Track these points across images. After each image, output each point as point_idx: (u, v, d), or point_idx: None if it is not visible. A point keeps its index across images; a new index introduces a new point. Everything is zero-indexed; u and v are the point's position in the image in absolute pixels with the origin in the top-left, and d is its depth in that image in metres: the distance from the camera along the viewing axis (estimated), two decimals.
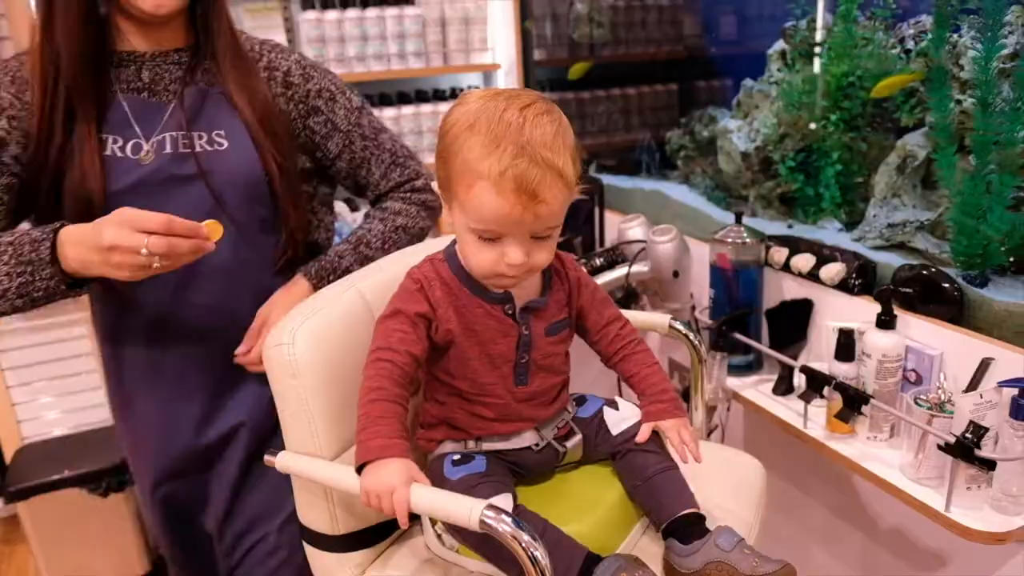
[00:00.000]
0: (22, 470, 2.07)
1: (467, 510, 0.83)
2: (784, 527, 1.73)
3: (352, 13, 2.32)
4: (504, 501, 0.92)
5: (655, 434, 1.05)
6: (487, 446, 1.03)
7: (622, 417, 1.06)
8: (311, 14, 2.29)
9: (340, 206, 2.07)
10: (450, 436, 1.04)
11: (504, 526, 0.82)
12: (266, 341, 1.01)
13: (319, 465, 0.99)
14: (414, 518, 1.12)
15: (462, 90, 2.61)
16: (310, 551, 1.08)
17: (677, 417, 1.05)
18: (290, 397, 0.99)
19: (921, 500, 1.17)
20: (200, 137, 1.09)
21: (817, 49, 1.55)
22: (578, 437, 1.06)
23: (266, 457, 1.03)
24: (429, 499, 0.87)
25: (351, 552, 1.06)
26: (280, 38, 2.31)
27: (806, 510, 1.66)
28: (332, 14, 2.31)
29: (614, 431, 1.05)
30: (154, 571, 2.24)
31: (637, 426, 1.05)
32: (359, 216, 2.17)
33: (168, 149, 1.08)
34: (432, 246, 1.14)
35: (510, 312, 1.01)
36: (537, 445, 1.04)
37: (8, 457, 2.18)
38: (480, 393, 1.01)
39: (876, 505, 1.48)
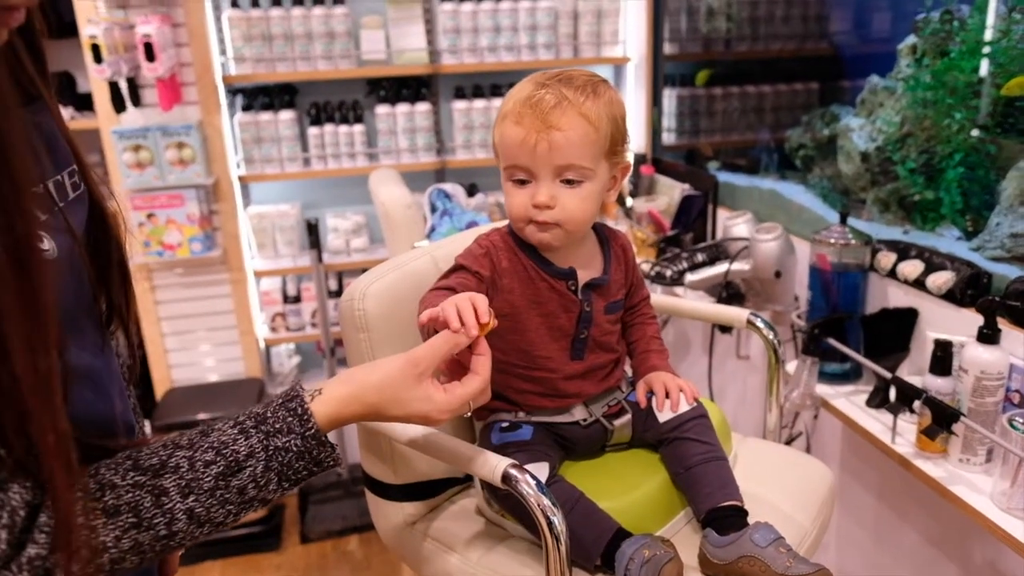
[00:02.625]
0: (168, 408, 2.34)
1: (493, 466, 0.87)
2: (876, 551, 1.63)
3: (487, 5, 2.41)
4: (539, 469, 0.95)
5: (701, 424, 1.05)
6: (537, 417, 1.06)
7: (669, 405, 1.06)
8: (448, 5, 2.40)
9: (456, 189, 2.16)
10: (502, 408, 1.08)
11: (526, 487, 0.86)
12: (342, 297, 1.10)
13: None
14: (467, 479, 1.18)
15: None
16: (370, 497, 1.16)
17: (664, 367, 1.10)
18: (357, 350, 1.08)
19: (1008, 531, 1.08)
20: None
21: (986, 45, 1.44)
22: (627, 417, 1.08)
23: None
24: (462, 453, 0.92)
25: (406, 502, 1.13)
26: (419, 28, 2.44)
27: (899, 535, 1.55)
28: (468, 5, 2.40)
29: (661, 418, 1.05)
30: (270, 515, 2.45)
31: (684, 415, 1.05)
32: (474, 201, 2.25)
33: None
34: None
35: (572, 288, 1.04)
36: (585, 420, 1.06)
37: (158, 396, 2.47)
38: (532, 367, 1.04)
39: (972, 536, 1.36)
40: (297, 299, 2.53)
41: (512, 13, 2.42)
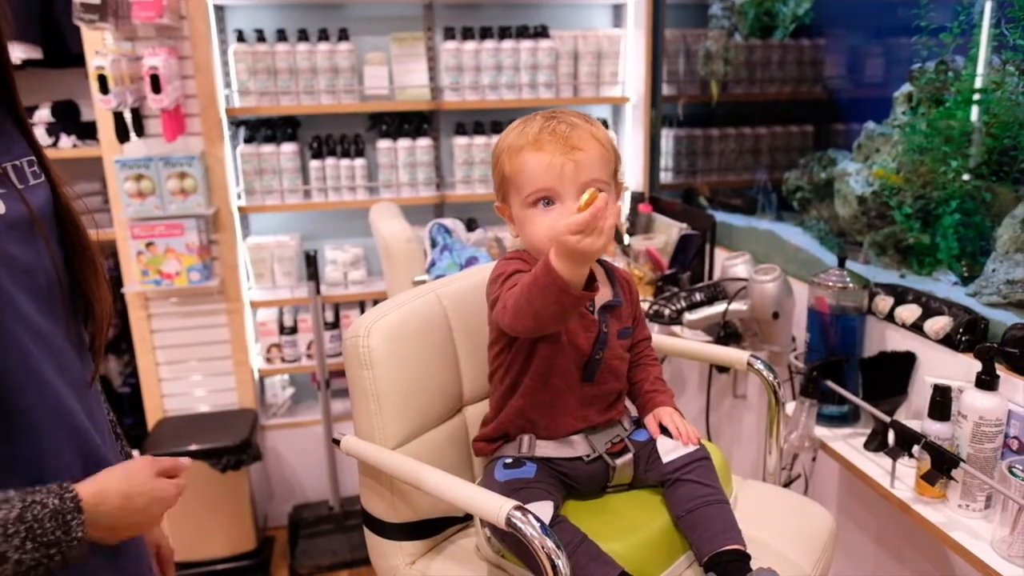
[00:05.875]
0: (159, 438, 2.31)
1: (497, 508, 0.87)
2: None
3: (489, 44, 2.45)
4: (543, 508, 0.95)
5: (704, 467, 1.05)
6: (540, 452, 1.06)
7: (674, 446, 1.07)
8: (451, 43, 2.44)
9: (456, 224, 2.18)
10: (505, 442, 1.09)
11: (530, 529, 0.85)
12: (345, 333, 1.10)
13: (377, 451, 1.06)
14: (467, 518, 1.17)
15: None
16: (368, 535, 1.15)
17: (671, 406, 1.13)
18: (361, 386, 1.07)
19: None
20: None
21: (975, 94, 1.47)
22: (629, 455, 1.08)
23: (334, 437, 1.12)
24: (466, 493, 0.92)
25: (405, 541, 1.12)
26: (422, 65, 2.47)
27: None
28: (470, 44, 2.44)
29: (665, 459, 1.06)
30: (259, 548, 2.42)
31: (688, 456, 1.05)
32: (474, 236, 2.27)
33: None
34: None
35: (591, 308, 1.07)
36: (588, 456, 1.07)
37: (150, 426, 2.44)
38: (546, 386, 1.06)
39: None
40: (293, 330, 2.53)
41: (514, 52, 2.46)
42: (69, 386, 0.72)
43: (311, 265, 2.32)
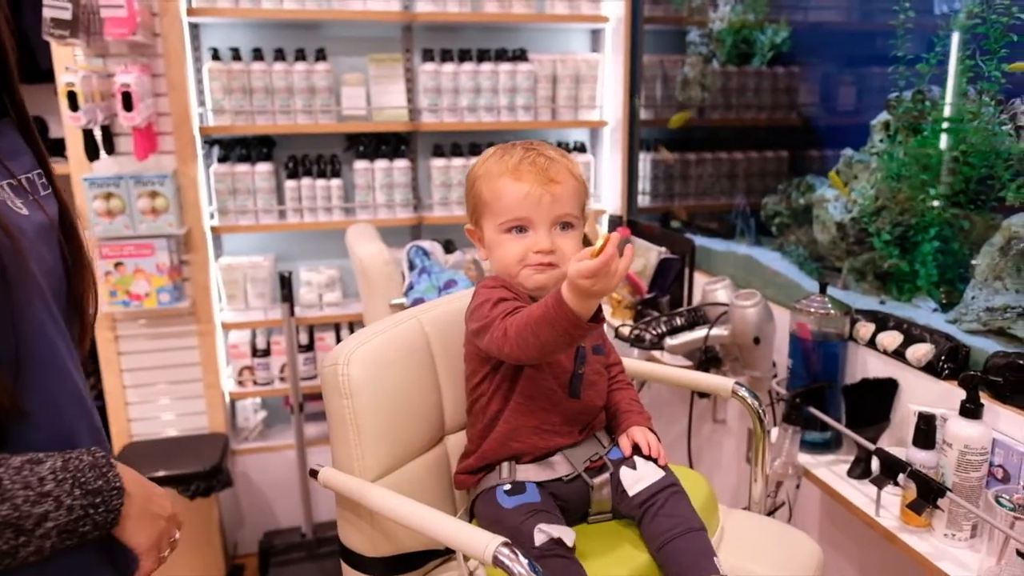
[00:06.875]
0: (125, 463, 2.24)
1: (483, 545, 0.84)
2: None
3: (468, 66, 2.44)
4: (566, 533, 0.96)
5: (671, 495, 1.04)
6: (521, 476, 1.06)
7: (639, 477, 1.06)
8: (429, 65, 2.43)
9: (434, 246, 2.15)
10: (489, 470, 1.08)
11: (519, 567, 0.82)
12: (323, 361, 1.07)
13: (359, 485, 1.02)
14: (449, 551, 1.14)
15: (566, 145, 2.67)
16: (346, 569, 1.11)
17: (647, 427, 1.14)
18: (339, 416, 1.04)
19: None
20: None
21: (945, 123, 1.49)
22: (606, 475, 1.08)
23: (311, 469, 1.08)
24: (451, 528, 0.89)
25: None
26: (400, 87, 2.46)
27: None
28: (449, 66, 2.44)
29: (631, 492, 1.05)
30: None
31: (653, 487, 1.05)
32: (452, 259, 2.24)
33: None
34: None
35: None
36: (567, 476, 1.07)
37: (116, 451, 2.37)
38: (529, 411, 1.06)
39: None
40: (266, 352, 2.47)
41: (492, 75, 2.46)
42: (81, 382, 0.76)
43: (285, 286, 2.28)
